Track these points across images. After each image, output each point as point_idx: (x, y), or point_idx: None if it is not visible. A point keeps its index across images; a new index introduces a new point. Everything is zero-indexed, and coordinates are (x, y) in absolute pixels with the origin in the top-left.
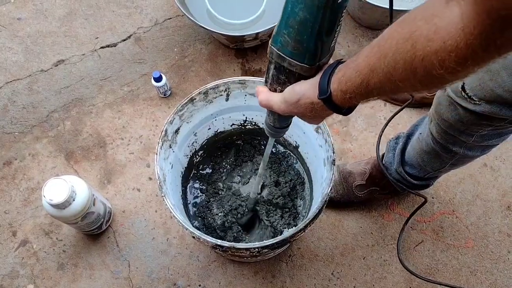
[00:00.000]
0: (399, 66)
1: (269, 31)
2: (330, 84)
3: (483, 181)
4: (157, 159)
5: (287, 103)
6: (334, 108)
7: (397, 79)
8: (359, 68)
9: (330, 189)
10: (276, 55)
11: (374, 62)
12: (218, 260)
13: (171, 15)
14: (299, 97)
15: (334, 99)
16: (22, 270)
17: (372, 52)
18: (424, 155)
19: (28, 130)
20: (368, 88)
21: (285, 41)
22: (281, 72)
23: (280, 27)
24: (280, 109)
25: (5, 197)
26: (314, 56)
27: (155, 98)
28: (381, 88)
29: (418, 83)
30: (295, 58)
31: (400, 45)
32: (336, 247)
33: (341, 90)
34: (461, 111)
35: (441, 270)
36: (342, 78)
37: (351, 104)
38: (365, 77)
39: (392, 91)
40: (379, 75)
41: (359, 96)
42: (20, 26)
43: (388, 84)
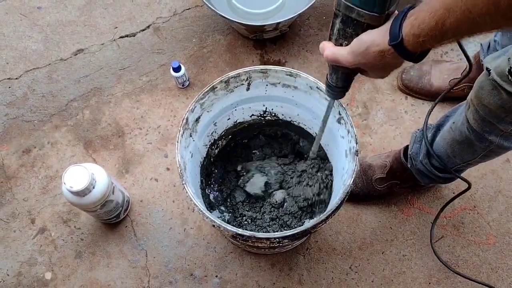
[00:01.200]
0: (479, 1)
1: (289, 22)
2: (401, 29)
3: (505, 177)
4: (178, 147)
5: (354, 53)
6: (405, 54)
7: (476, 15)
8: (433, 9)
9: (352, 180)
10: (344, 6)
11: (449, 2)
12: (235, 251)
13: (190, 5)
14: (368, 44)
15: (406, 44)
16: (40, 258)
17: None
18: (456, 145)
19: (47, 118)
20: (443, 29)
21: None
22: (348, 25)
23: None
24: (348, 60)
25: (24, 185)
26: (384, 3)
27: (174, 88)
28: (457, 28)
29: (501, 18)
30: (364, 7)
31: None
32: (354, 241)
33: (414, 34)
34: (505, 95)
35: (462, 266)
36: (415, 21)
37: (424, 49)
38: (440, 18)
39: (469, 30)
40: (456, 14)
41: (433, 39)
42: (40, 15)
43: (466, 23)
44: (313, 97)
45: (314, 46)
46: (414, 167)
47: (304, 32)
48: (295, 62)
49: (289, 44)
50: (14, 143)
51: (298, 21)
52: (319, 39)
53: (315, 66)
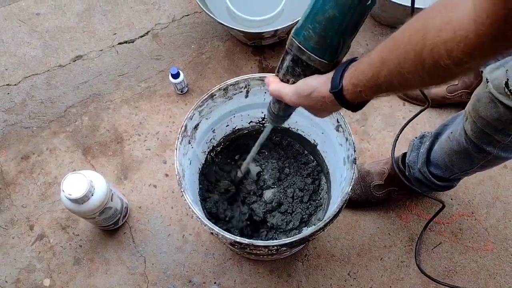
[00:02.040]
0: (409, 57)
1: (287, 29)
2: (342, 79)
3: (503, 183)
4: (176, 154)
5: (298, 95)
6: (344, 102)
7: (406, 71)
8: (372, 61)
9: (350, 188)
10: (296, 47)
11: (386, 55)
12: (233, 257)
13: (188, 12)
14: (312, 90)
15: (344, 93)
16: (39, 264)
17: (386, 45)
18: (454, 155)
19: (46, 125)
20: (378, 81)
21: (308, 36)
22: (298, 65)
23: (305, 22)
24: (291, 100)
25: (23, 191)
26: (335, 52)
27: (172, 94)
28: (390, 81)
29: (427, 75)
30: (316, 53)
31: (413, 36)
32: (352, 247)
33: (352, 84)
34: (502, 108)
35: (460, 272)
36: (355, 72)
37: (362, 99)
38: (376, 70)
39: (401, 85)
40: (389, 67)
41: (369, 90)
42: (38, 21)
43: (397, 77)
44: None
45: None
46: (412, 175)
47: None
48: None
49: None
50: (12, 149)
51: None
52: None
53: None
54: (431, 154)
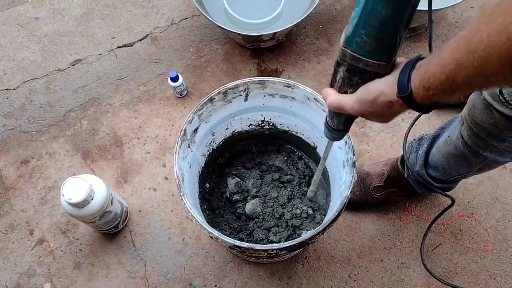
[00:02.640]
0: (493, 59)
1: (286, 31)
2: (410, 81)
3: (502, 184)
4: (175, 158)
5: (361, 102)
6: (414, 105)
7: (489, 73)
8: (444, 63)
9: (349, 192)
10: (351, 57)
11: (461, 57)
12: (234, 260)
13: (187, 15)
14: (376, 94)
15: (415, 96)
16: (39, 269)
17: (459, 47)
18: (451, 158)
19: (45, 129)
20: (454, 84)
21: (362, 41)
22: (355, 74)
23: (356, 28)
24: (353, 109)
25: (22, 196)
26: (392, 52)
27: (171, 98)
28: (469, 83)
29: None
30: (372, 57)
31: (493, 38)
32: (353, 249)
33: (424, 87)
34: (497, 115)
35: (460, 273)
36: (425, 74)
37: (433, 101)
38: (451, 73)
39: (481, 86)
40: (468, 70)
41: (443, 92)
42: (37, 26)
43: (478, 79)
44: (311, 107)
45: (311, 54)
46: (411, 177)
47: (300, 41)
48: (292, 71)
49: (286, 53)
50: (12, 154)
51: (294, 30)
52: (316, 47)
53: (312, 74)
54: (429, 156)
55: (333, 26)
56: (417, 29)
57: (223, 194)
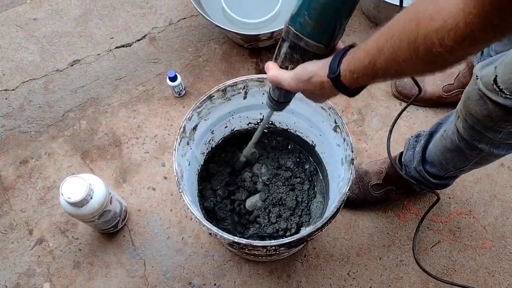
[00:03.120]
0: (404, 45)
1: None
2: (340, 65)
3: (500, 181)
4: (175, 155)
5: (297, 80)
6: (341, 88)
7: (401, 59)
8: (368, 48)
9: (348, 189)
10: (293, 34)
11: (382, 43)
12: (233, 259)
13: (185, 15)
14: (311, 75)
15: (342, 79)
16: (39, 268)
17: (382, 34)
18: (448, 153)
19: (44, 129)
20: (375, 69)
21: (304, 22)
22: (296, 51)
23: (300, 8)
24: (290, 85)
25: (22, 196)
26: (331, 37)
27: (170, 97)
28: (386, 68)
29: (420, 63)
30: (312, 38)
31: (406, 24)
32: (351, 247)
33: (350, 70)
34: (491, 105)
35: (458, 270)
36: (352, 59)
37: (358, 85)
38: (372, 58)
39: (396, 73)
40: (385, 55)
41: (365, 76)
42: (36, 26)
43: (393, 65)
44: (309, 105)
45: None
46: (408, 174)
47: None
48: None
49: None
50: (11, 154)
51: None
52: None
53: None
54: (426, 152)
55: None
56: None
57: (220, 192)
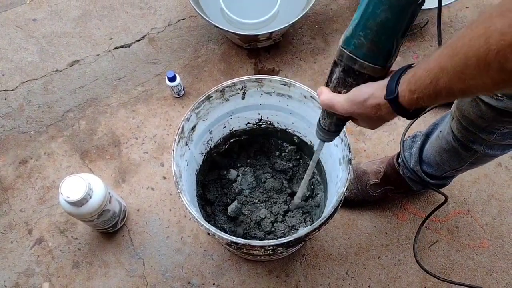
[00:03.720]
0: (471, 63)
1: (282, 31)
2: (398, 85)
3: (498, 181)
4: (173, 155)
5: (351, 102)
6: (399, 109)
7: (468, 77)
8: (429, 67)
9: (345, 188)
10: (347, 57)
11: (445, 61)
12: (232, 258)
13: (184, 16)
14: (366, 96)
15: (400, 100)
16: (38, 268)
17: (444, 51)
18: (443, 153)
19: (44, 129)
20: (437, 88)
21: (360, 43)
22: (350, 75)
23: (356, 29)
24: (344, 108)
25: (21, 196)
26: (388, 57)
27: (169, 98)
28: (450, 88)
29: (491, 81)
30: (368, 60)
31: (473, 41)
32: (350, 246)
33: (409, 90)
34: (483, 107)
35: (456, 270)
36: (412, 78)
37: (418, 106)
38: (435, 76)
39: (461, 92)
40: (449, 74)
41: (427, 97)
42: (35, 27)
43: (458, 83)
44: (308, 106)
45: (308, 54)
46: (406, 174)
47: (297, 41)
48: (288, 71)
49: (282, 53)
50: (10, 154)
51: (291, 30)
52: (312, 47)
53: (309, 74)
54: (423, 152)
55: (329, 26)
56: (412, 28)
57: (221, 191)
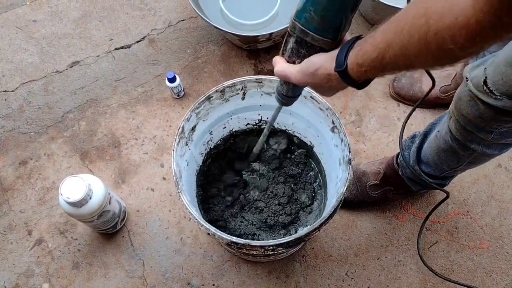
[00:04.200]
0: (414, 40)
1: (282, 32)
2: (347, 58)
3: (497, 182)
4: (173, 155)
5: (304, 73)
6: (349, 80)
7: (411, 53)
8: (376, 42)
9: (345, 189)
10: (299, 30)
11: (390, 37)
12: (231, 259)
13: (184, 17)
14: (316, 67)
15: (349, 72)
16: (38, 269)
17: (389, 27)
18: (441, 153)
19: (44, 130)
20: (383, 62)
21: (310, 17)
22: (302, 46)
23: (306, 4)
24: (296, 79)
25: (21, 197)
26: (337, 31)
27: (169, 99)
28: (395, 62)
29: (431, 58)
30: (318, 33)
31: (416, 20)
32: (350, 247)
33: (357, 63)
34: (481, 106)
35: (456, 271)
36: (359, 51)
37: (366, 78)
38: (381, 51)
39: (406, 66)
40: (394, 49)
41: (374, 69)
42: (35, 28)
43: (402, 59)
44: (307, 106)
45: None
46: (405, 175)
47: None
48: None
49: None
50: (10, 155)
51: None
52: None
53: None
54: (421, 152)
55: None
56: None
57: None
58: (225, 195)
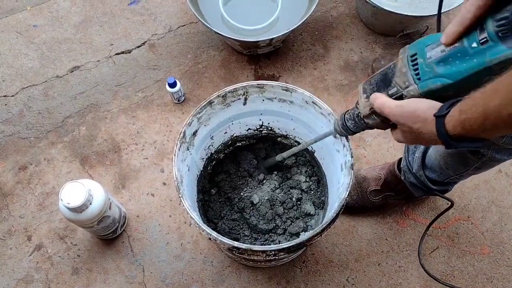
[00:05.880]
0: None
1: (282, 37)
2: (452, 106)
3: (498, 187)
4: (175, 160)
5: (402, 109)
6: (442, 130)
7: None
8: (485, 90)
9: (347, 193)
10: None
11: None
12: (232, 265)
13: (184, 22)
14: (417, 108)
15: (447, 120)
16: (37, 275)
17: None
18: (448, 157)
19: (44, 135)
20: (487, 110)
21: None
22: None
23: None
24: (391, 112)
25: (20, 202)
26: None
27: (169, 104)
28: (499, 112)
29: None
30: None
31: None
32: (350, 253)
33: (460, 110)
34: None
35: (457, 276)
36: (467, 99)
37: (461, 131)
38: (487, 97)
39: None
40: (501, 95)
41: (474, 119)
42: (36, 33)
43: (509, 106)
44: (309, 111)
45: (307, 60)
46: (407, 180)
47: (297, 47)
48: (289, 77)
49: (282, 59)
50: (10, 160)
51: (291, 36)
52: (312, 54)
53: (309, 80)
54: (426, 157)
55: (329, 33)
56: (411, 35)
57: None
58: (227, 200)
